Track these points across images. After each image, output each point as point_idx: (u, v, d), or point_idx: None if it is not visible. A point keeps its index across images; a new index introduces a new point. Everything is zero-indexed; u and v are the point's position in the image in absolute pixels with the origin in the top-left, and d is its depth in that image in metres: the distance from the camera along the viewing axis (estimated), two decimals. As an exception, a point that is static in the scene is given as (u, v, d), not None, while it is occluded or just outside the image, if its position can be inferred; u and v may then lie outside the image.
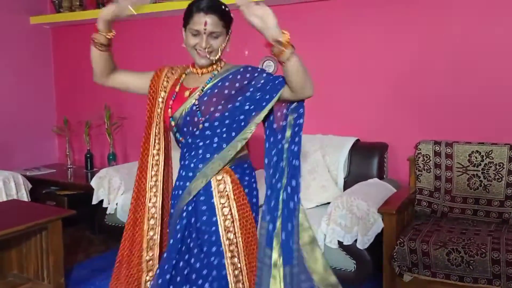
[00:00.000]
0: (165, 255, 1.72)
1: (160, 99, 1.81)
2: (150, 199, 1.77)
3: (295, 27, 3.76)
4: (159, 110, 1.81)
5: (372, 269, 2.89)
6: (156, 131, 1.81)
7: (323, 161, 3.43)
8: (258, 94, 1.70)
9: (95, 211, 3.93)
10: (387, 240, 2.82)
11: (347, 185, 3.34)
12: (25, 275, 3.12)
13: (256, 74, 1.75)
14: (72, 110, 4.98)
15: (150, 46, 4.47)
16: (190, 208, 1.72)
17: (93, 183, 3.82)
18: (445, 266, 2.62)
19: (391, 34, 3.48)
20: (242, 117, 1.70)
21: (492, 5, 3.18)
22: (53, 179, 4.40)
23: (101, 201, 3.80)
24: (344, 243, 2.85)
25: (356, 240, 2.83)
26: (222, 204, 1.70)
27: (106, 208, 3.77)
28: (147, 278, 1.76)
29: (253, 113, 1.69)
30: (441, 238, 2.72)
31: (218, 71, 1.79)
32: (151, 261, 1.76)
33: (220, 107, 1.73)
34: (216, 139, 1.72)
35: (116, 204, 3.74)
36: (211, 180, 1.72)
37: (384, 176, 3.45)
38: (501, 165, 3.01)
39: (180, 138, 1.80)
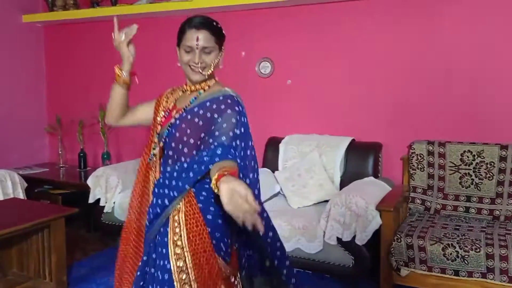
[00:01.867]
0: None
1: (159, 118, 1.84)
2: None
3: (297, 27, 3.86)
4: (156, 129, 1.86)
5: (370, 264, 2.98)
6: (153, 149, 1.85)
7: (319, 160, 3.52)
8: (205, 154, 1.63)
9: (90, 210, 3.94)
10: (384, 236, 2.91)
11: (343, 183, 3.43)
12: (24, 273, 3.12)
13: (221, 116, 1.67)
14: (64, 109, 4.96)
15: (144, 46, 4.49)
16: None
17: (89, 182, 3.83)
18: (441, 261, 2.72)
19: (386, 37, 3.59)
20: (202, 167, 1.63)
21: (481, 12, 3.30)
22: (47, 178, 4.39)
23: (97, 200, 3.82)
24: (343, 240, 2.94)
25: (354, 237, 2.92)
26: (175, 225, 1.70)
27: (103, 206, 3.79)
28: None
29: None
30: (436, 234, 2.82)
31: (204, 90, 1.77)
32: None
33: (185, 138, 1.71)
34: (184, 174, 1.68)
35: (114, 202, 3.76)
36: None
37: (379, 175, 3.55)
38: (492, 164, 3.14)
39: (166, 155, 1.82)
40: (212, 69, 1.74)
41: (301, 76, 3.88)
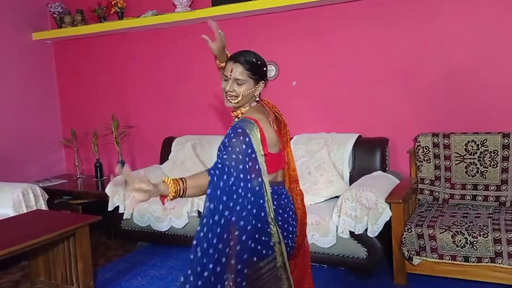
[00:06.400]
0: None
1: None
2: None
3: (299, 30, 3.98)
4: None
5: (383, 255, 3.10)
6: None
7: (328, 157, 3.63)
8: None
9: (109, 218, 4.08)
10: (395, 227, 3.02)
11: (352, 178, 3.55)
12: (52, 281, 3.26)
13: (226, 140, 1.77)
14: (78, 122, 5.11)
15: (152, 57, 4.63)
16: None
17: (108, 190, 3.98)
18: (451, 248, 2.83)
19: (389, 34, 3.70)
20: None
21: (479, 5, 3.40)
22: (66, 189, 4.54)
23: (115, 208, 3.96)
24: (356, 233, 3.05)
25: (366, 229, 3.04)
26: None
27: (122, 214, 3.93)
28: None
29: None
30: (445, 223, 2.93)
31: (238, 117, 1.93)
32: None
33: None
34: None
35: (132, 209, 3.90)
36: None
37: (387, 169, 3.66)
38: (496, 152, 3.24)
39: None
40: (240, 99, 1.88)
41: (306, 77, 4.00)
